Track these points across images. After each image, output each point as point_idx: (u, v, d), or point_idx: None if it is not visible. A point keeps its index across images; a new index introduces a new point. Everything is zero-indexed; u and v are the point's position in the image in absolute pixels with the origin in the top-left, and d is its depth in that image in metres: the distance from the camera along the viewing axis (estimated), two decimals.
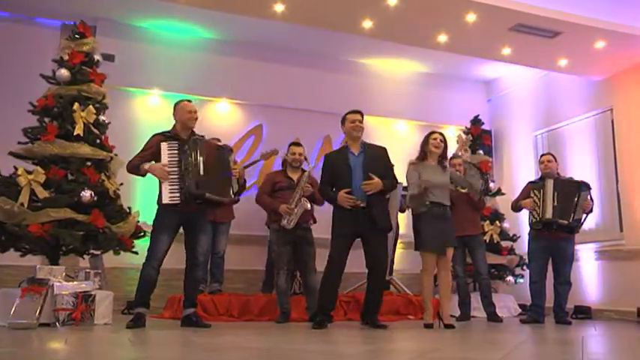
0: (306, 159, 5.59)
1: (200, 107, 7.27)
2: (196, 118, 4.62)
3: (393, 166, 5.03)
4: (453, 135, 8.39)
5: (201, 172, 4.34)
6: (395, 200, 6.48)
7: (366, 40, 7.23)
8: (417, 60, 7.98)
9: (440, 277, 5.03)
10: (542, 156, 5.92)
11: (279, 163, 6.73)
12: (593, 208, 5.60)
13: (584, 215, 5.53)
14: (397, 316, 6.11)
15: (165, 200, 4.32)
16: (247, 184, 6.44)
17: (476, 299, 6.24)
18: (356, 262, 4.96)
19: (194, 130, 4.62)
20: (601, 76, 6.75)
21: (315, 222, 5.65)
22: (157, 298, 5.83)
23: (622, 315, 6.30)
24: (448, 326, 4.84)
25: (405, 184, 6.87)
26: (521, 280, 7.13)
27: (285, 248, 5.38)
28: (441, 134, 5.07)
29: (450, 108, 8.42)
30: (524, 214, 7.28)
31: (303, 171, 5.53)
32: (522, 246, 7.27)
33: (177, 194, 4.32)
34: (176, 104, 4.65)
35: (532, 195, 5.69)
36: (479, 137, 7.76)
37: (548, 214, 5.48)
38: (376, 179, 4.78)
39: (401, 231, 7.39)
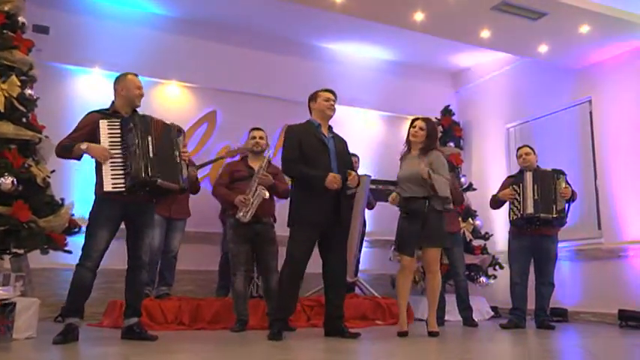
0: (268, 145, 4.99)
1: (147, 90, 6.63)
2: (142, 96, 3.97)
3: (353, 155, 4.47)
4: None
5: (151, 154, 3.66)
6: (362, 195, 5.92)
7: (331, 23, 6.74)
8: (383, 47, 7.48)
9: (426, 281, 4.55)
10: (519, 149, 5.51)
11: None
12: (574, 195, 5.23)
13: (567, 204, 5.14)
14: (364, 322, 5.57)
15: (108, 187, 3.61)
16: (200, 176, 5.83)
17: (450, 302, 5.79)
18: (319, 260, 4.34)
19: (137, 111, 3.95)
20: (580, 66, 6.38)
21: (275, 221, 5.03)
22: (96, 303, 5.14)
23: (601, 317, 5.96)
24: (432, 334, 4.34)
25: (372, 176, 6.46)
26: (492, 282, 6.73)
27: (244, 246, 4.76)
28: (424, 120, 4.53)
29: (416, 99, 7.96)
30: (497, 212, 6.95)
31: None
32: (493, 245, 6.92)
33: (122, 180, 3.62)
34: (120, 77, 3.97)
35: (511, 190, 5.28)
36: (449, 129, 7.33)
37: (530, 209, 5.07)
38: (353, 173, 4.25)
39: (367, 228, 6.86)
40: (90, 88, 6.21)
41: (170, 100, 6.68)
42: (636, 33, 5.65)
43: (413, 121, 4.57)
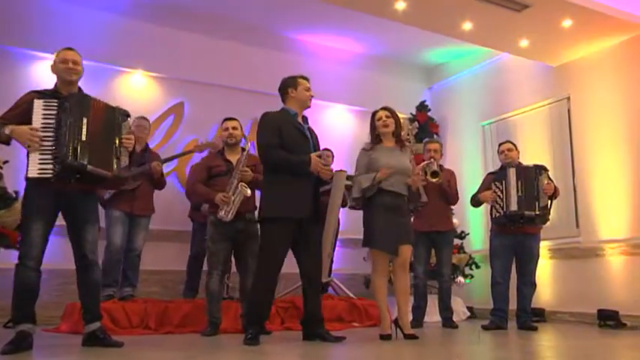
0: (245, 137, 4.69)
1: (110, 79, 6.26)
2: (77, 72, 3.50)
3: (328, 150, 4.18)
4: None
5: (83, 137, 3.28)
6: (338, 192, 5.68)
7: (304, 14, 6.50)
8: (356, 40, 7.26)
9: (396, 280, 4.25)
10: (501, 144, 5.36)
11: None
12: (557, 191, 5.12)
13: (549, 201, 5.01)
14: (341, 324, 5.31)
15: (32, 173, 3.22)
16: (165, 171, 5.50)
17: (431, 303, 5.60)
18: (292, 259, 4.06)
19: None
20: (558, 62, 6.29)
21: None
22: (52, 306, 4.78)
23: (578, 317, 5.87)
24: (409, 337, 4.10)
25: (349, 172, 6.21)
26: (469, 282, 6.58)
27: (223, 245, 4.44)
28: (387, 109, 4.32)
29: (389, 94, 7.71)
30: (473, 211, 6.82)
31: (243, 150, 4.61)
32: (468, 244, 6.78)
33: (50, 166, 3.24)
34: (55, 56, 3.57)
35: (493, 187, 5.12)
36: (425, 125, 7.17)
37: (513, 206, 4.92)
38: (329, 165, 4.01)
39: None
40: (46, 75, 5.75)
41: (134, 91, 6.30)
42: (617, 29, 5.58)
43: (374, 114, 4.35)
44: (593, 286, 5.80)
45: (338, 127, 7.45)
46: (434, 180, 5.04)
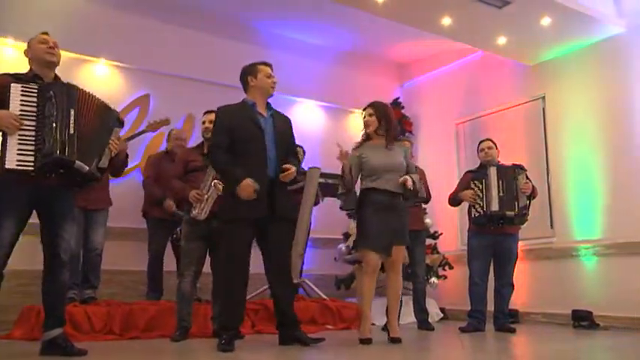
0: None
1: (70, 68, 5.86)
2: (56, 56, 3.28)
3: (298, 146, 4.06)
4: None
5: (72, 130, 3.06)
6: (311, 190, 5.47)
7: (275, 5, 6.29)
8: (326, 34, 7.07)
9: (388, 281, 4.09)
10: (481, 142, 5.26)
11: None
12: (535, 191, 5.06)
13: (528, 201, 4.94)
14: (314, 326, 5.11)
15: (11, 164, 2.95)
16: (129, 166, 5.17)
17: (404, 304, 5.45)
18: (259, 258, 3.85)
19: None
20: (534, 61, 6.25)
21: None
22: (7, 310, 4.42)
23: (551, 318, 5.83)
24: (394, 340, 3.95)
25: (327, 170, 6.03)
26: (440, 281, 6.48)
27: (196, 244, 4.21)
28: (370, 106, 4.16)
29: (360, 91, 7.58)
30: (445, 211, 6.72)
31: None
32: (442, 244, 6.68)
33: (31, 158, 2.98)
34: (28, 42, 3.34)
35: (473, 186, 5.01)
36: (399, 122, 7.02)
37: (494, 207, 4.81)
38: (293, 168, 3.76)
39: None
40: (1, 62, 5.39)
41: (97, 81, 5.93)
42: (594, 29, 5.56)
43: (363, 110, 4.22)
44: (567, 287, 5.76)
45: (308, 124, 7.24)
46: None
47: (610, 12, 5.54)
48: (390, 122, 4.14)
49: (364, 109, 4.22)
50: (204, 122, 4.42)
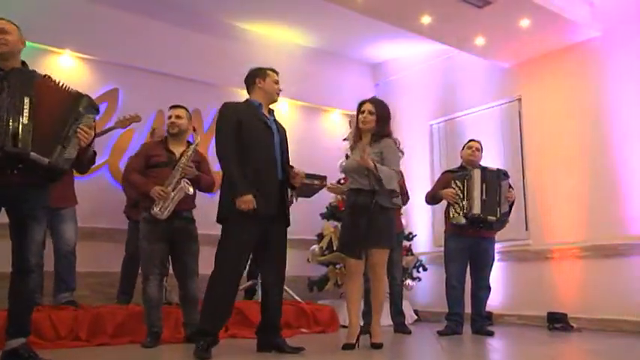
0: (194, 130, 4.28)
1: (34, 59, 5.54)
2: (7, 45, 3.02)
3: None
4: (339, 120, 7.60)
5: (25, 120, 2.81)
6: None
7: (249, 1, 6.11)
8: (300, 30, 6.93)
9: (372, 286, 3.98)
10: (470, 141, 5.18)
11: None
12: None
13: (509, 209, 4.92)
14: (289, 330, 4.95)
15: None
16: (97, 163, 4.94)
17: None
18: None
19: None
20: (511, 63, 6.24)
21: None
22: None
23: (526, 320, 5.83)
24: (376, 345, 3.85)
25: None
26: (416, 283, 6.43)
27: (159, 245, 4.01)
28: (373, 103, 4.03)
29: (335, 90, 7.52)
30: (419, 212, 6.68)
31: (189, 144, 4.20)
32: (415, 245, 6.62)
33: None
34: None
35: (453, 186, 4.94)
36: None
37: (477, 209, 4.75)
38: (301, 171, 3.70)
39: None
40: None
41: (62, 73, 5.52)
42: (572, 32, 5.57)
43: (360, 105, 4.06)
44: (541, 289, 5.77)
45: (282, 122, 7.05)
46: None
47: (586, 16, 5.56)
48: (386, 124, 3.99)
49: (361, 104, 4.04)
50: (170, 117, 4.23)
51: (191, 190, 4.03)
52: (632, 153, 5.29)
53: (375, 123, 3.94)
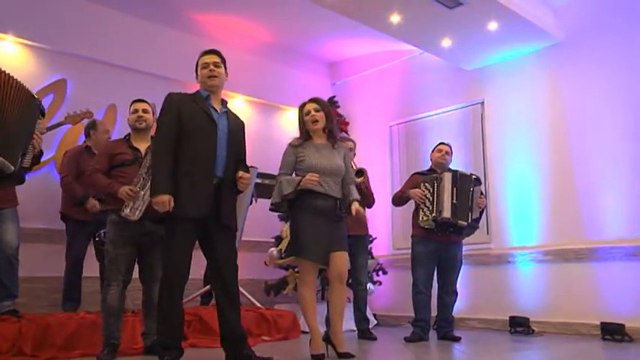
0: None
1: None
2: None
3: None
4: (295, 118, 7.39)
5: None
6: (247, 190, 5.08)
7: None
8: (257, 25, 6.70)
9: (331, 291, 3.77)
10: (440, 144, 5.10)
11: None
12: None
13: (480, 215, 4.87)
14: (251, 339, 4.62)
15: None
16: (43, 159, 4.55)
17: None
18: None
19: None
20: (473, 66, 6.22)
21: None
22: None
23: (488, 324, 5.82)
24: (344, 355, 3.66)
25: (259, 169, 5.67)
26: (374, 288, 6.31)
27: (126, 249, 3.71)
28: (315, 101, 3.86)
29: (291, 88, 7.31)
30: (379, 214, 6.57)
31: (152, 139, 3.90)
32: (374, 249, 6.51)
33: None
34: None
35: (423, 189, 4.84)
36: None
37: (447, 213, 4.65)
38: (248, 175, 3.44)
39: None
40: None
41: (4, 60, 5.19)
42: (537, 37, 5.58)
43: (302, 107, 3.88)
44: (503, 293, 5.78)
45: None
46: (358, 180, 4.65)
47: (550, 21, 5.60)
48: (333, 120, 3.91)
49: (304, 105, 3.88)
50: (137, 110, 3.93)
51: None
52: (594, 158, 5.36)
53: (324, 119, 3.78)
